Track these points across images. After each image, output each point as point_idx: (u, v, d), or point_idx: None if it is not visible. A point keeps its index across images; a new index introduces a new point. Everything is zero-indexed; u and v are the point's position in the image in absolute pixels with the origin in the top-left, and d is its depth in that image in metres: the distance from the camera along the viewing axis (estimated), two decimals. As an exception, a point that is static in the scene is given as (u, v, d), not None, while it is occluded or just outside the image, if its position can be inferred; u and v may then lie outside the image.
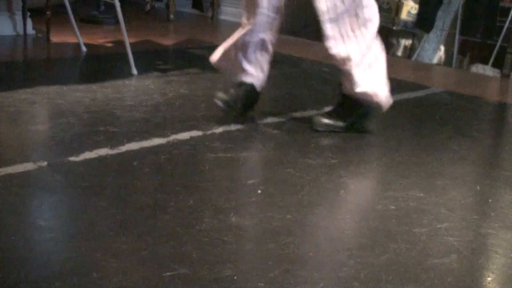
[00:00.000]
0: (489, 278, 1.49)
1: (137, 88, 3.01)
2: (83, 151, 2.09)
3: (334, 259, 1.50)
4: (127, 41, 3.28)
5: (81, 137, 2.25)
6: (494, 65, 4.56)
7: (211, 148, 2.23)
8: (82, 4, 5.20)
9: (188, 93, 2.95)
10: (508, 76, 4.20)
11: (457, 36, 4.93)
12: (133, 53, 3.28)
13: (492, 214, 1.84)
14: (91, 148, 2.12)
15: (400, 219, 1.74)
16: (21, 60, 3.67)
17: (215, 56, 2.58)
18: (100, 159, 2.05)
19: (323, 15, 2.31)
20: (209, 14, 5.66)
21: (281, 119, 2.58)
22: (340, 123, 2.47)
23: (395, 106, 3.02)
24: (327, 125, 2.47)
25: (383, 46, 2.44)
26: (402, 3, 5.05)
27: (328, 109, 2.58)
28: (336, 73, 2.51)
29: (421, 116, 2.85)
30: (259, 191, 1.89)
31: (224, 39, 2.59)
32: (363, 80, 2.39)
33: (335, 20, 2.31)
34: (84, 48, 3.81)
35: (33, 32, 4.19)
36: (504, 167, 2.28)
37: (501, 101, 3.33)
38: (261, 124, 2.53)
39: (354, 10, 2.30)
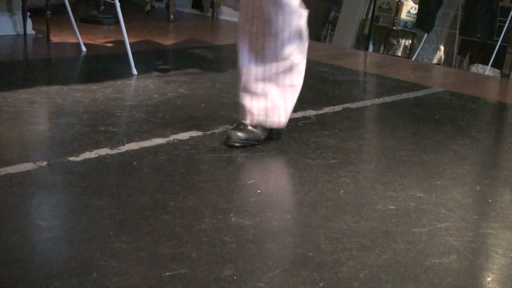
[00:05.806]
0: (489, 278, 1.49)
1: (137, 88, 3.01)
2: (83, 151, 2.09)
3: (334, 259, 1.50)
4: (127, 41, 3.28)
5: (81, 137, 2.25)
6: (494, 65, 4.56)
7: (211, 148, 2.23)
8: (82, 4, 5.21)
9: (188, 93, 2.95)
10: (508, 76, 4.20)
11: (457, 36, 4.94)
12: (133, 53, 3.28)
13: (492, 214, 1.84)
14: (91, 148, 2.12)
15: (400, 219, 1.74)
16: (21, 60, 3.67)
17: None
18: (100, 159, 2.05)
19: None
20: (209, 14, 5.66)
21: (281, 119, 2.57)
22: (258, 137, 2.28)
23: (395, 106, 3.03)
24: (243, 139, 2.25)
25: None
26: (402, 3, 5.05)
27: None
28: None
29: (421, 116, 2.85)
30: (259, 191, 1.89)
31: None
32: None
33: None
34: (84, 48, 3.81)
35: (33, 32, 4.19)
36: (504, 167, 2.28)
37: (501, 101, 3.33)
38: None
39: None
